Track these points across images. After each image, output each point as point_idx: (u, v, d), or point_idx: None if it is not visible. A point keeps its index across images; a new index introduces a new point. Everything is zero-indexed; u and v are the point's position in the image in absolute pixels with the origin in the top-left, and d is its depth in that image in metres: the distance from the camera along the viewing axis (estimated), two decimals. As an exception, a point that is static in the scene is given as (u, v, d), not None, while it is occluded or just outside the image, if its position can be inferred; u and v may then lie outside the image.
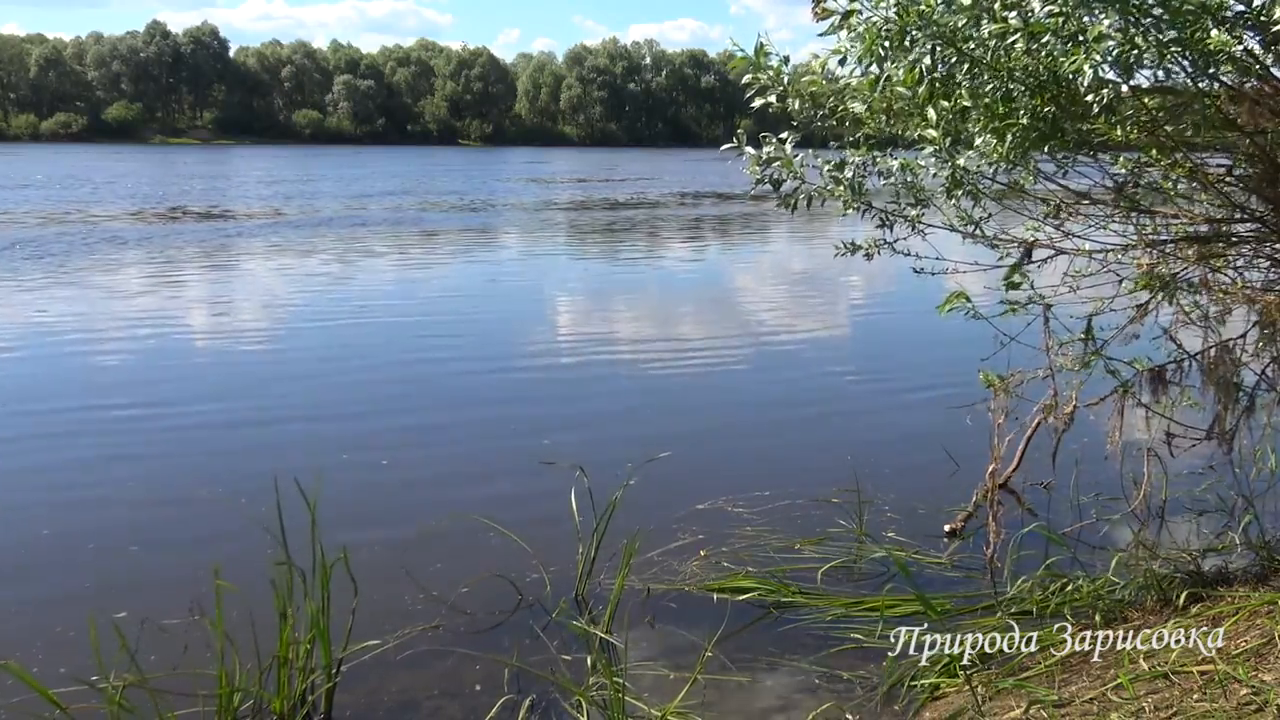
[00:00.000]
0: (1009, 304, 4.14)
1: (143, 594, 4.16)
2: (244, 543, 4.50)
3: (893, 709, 3.32)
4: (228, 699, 3.14)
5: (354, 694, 3.43)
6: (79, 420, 6.69)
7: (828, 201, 4.04)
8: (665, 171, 51.53)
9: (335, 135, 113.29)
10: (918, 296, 11.47)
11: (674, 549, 4.60)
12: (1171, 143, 3.51)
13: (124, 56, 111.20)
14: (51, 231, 19.02)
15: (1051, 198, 4.11)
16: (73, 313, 10.75)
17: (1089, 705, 2.95)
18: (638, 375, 8.41)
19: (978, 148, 3.49)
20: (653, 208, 28.88)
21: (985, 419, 4.58)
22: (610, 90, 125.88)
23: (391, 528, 4.89)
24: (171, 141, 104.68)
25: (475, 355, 9.03)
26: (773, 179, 3.87)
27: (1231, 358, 4.15)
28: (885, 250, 4.17)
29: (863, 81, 3.61)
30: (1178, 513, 4.95)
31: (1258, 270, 4.09)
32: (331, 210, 25.51)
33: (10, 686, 3.26)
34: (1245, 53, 3.09)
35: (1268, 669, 2.88)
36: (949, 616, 3.89)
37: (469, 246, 18.66)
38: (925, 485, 5.41)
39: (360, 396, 7.42)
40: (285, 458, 5.82)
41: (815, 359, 9.05)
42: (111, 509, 5.10)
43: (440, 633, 3.86)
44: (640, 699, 3.35)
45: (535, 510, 4.88)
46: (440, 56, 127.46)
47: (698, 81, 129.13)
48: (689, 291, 13.57)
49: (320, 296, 12.17)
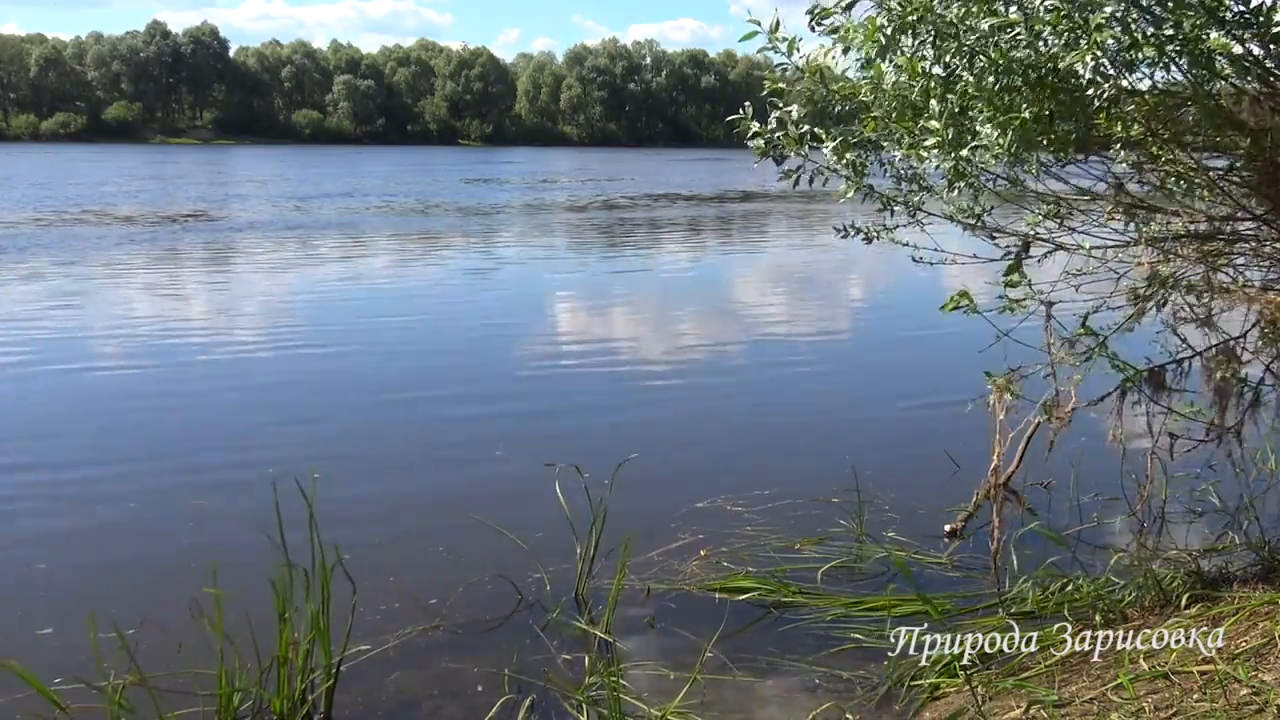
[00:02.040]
0: (1008, 301, 4.13)
1: (143, 594, 4.16)
2: (244, 543, 4.49)
3: (893, 709, 3.32)
4: (227, 699, 3.14)
5: (354, 694, 3.43)
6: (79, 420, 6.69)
7: (829, 192, 4.03)
8: (636, 172, 49.97)
9: (335, 135, 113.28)
10: (918, 296, 11.47)
11: (674, 549, 4.59)
12: (1172, 140, 3.51)
13: (124, 56, 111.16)
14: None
15: (1052, 194, 4.10)
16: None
17: (1089, 705, 2.94)
18: (637, 375, 8.40)
19: (980, 140, 3.48)
20: (610, 210, 27.56)
21: (985, 418, 4.58)
22: (610, 90, 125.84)
23: (391, 528, 4.89)
24: (171, 141, 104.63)
25: (474, 356, 9.03)
26: (777, 154, 3.86)
27: (1232, 357, 4.15)
28: (885, 239, 4.16)
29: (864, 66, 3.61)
30: (1178, 513, 4.95)
31: (1258, 269, 4.08)
32: (263, 214, 23.97)
33: (10, 686, 3.25)
34: (1246, 53, 3.09)
35: (1268, 669, 2.88)
36: (949, 616, 3.89)
37: (406, 250, 18.57)
38: (925, 485, 5.40)
39: (360, 397, 7.42)
40: (284, 458, 5.82)
41: (815, 358, 9.04)
42: (110, 509, 5.10)
43: (440, 633, 3.86)
44: (640, 699, 3.35)
45: (535, 510, 4.88)
46: (440, 56, 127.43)
47: (698, 81, 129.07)
48: (686, 292, 13.57)
49: (315, 300, 12.17)
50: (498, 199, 31.00)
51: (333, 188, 34.82)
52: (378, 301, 11.98)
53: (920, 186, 4.00)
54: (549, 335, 10.10)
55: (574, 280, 14.30)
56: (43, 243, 17.09)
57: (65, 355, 8.74)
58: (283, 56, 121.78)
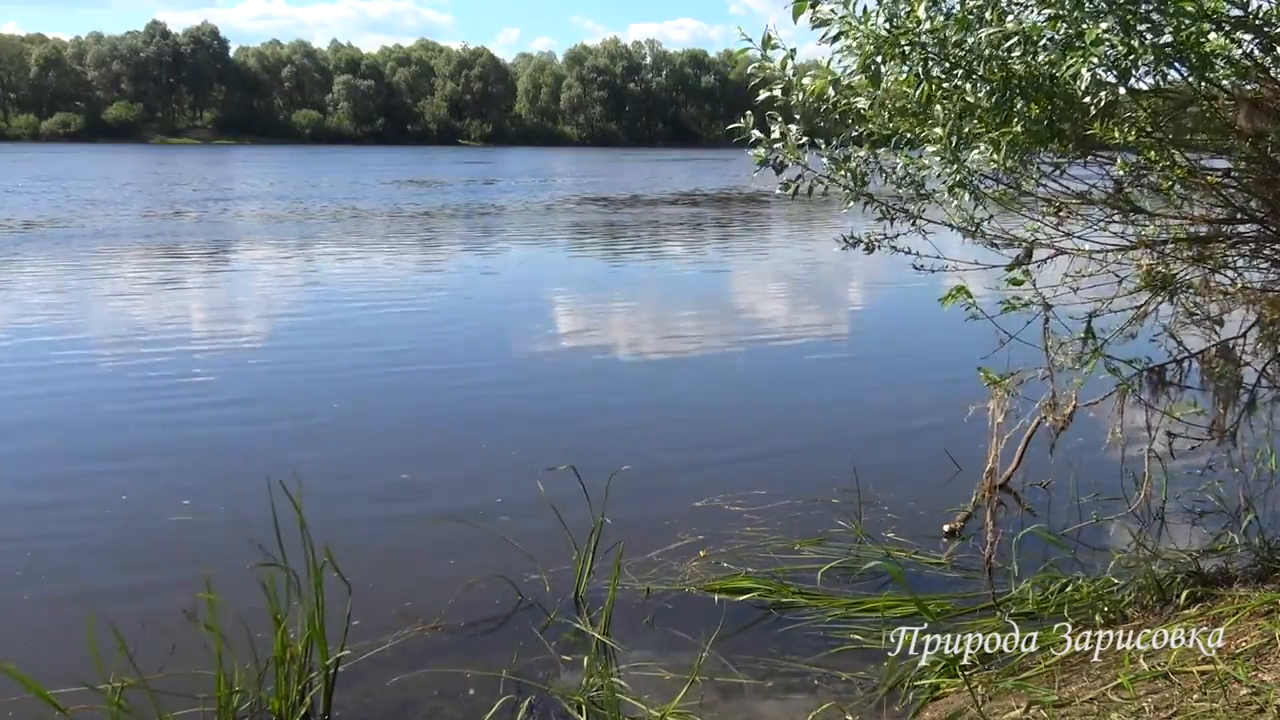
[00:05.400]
0: (1009, 303, 4.13)
1: (142, 595, 4.15)
2: (243, 544, 4.48)
3: (893, 709, 3.31)
4: (226, 700, 3.14)
5: (353, 694, 3.43)
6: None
7: (829, 195, 4.03)
8: (603, 173, 47.91)
9: (335, 135, 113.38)
10: (917, 297, 11.47)
11: (674, 549, 4.59)
12: (1170, 144, 3.51)
13: (124, 56, 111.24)
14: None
15: (1052, 199, 4.10)
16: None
17: (1089, 705, 2.94)
18: (636, 376, 8.40)
19: (979, 150, 3.49)
20: (520, 213, 25.35)
21: (985, 419, 4.58)
22: (610, 90, 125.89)
23: (390, 528, 4.89)
24: (171, 141, 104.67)
25: (472, 358, 9.03)
26: (776, 163, 3.86)
27: (1231, 358, 4.15)
28: (886, 247, 4.17)
29: (864, 80, 3.61)
30: (1178, 513, 4.95)
31: (1257, 271, 4.08)
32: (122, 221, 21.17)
33: (10, 687, 3.25)
34: (1244, 55, 3.09)
35: (1268, 669, 2.88)
36: (949, 617, 3.89)
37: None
38: (925, 485, 5.40)
39: (358, 397, 7.42)
40: (282, 459, 5.81)
41: (815, 358, 9.04)
42: (109, 509, 5.09)
43: (438, 634, 3.85)
44: (639, 699, 3.35)
45: (534, 511, 4.87)
46: (440, 56, 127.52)
47: (698, 81, 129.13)
48: (685, 293, 13.57)
49: (308, 299, 12.16)
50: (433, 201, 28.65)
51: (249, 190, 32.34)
52: (378, 300, 11.98)
53: (919, 194, 3.99)
54: (549, 335, 10.10)
55: (571, 282, 14.30)
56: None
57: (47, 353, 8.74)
58: (283, 56, 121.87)
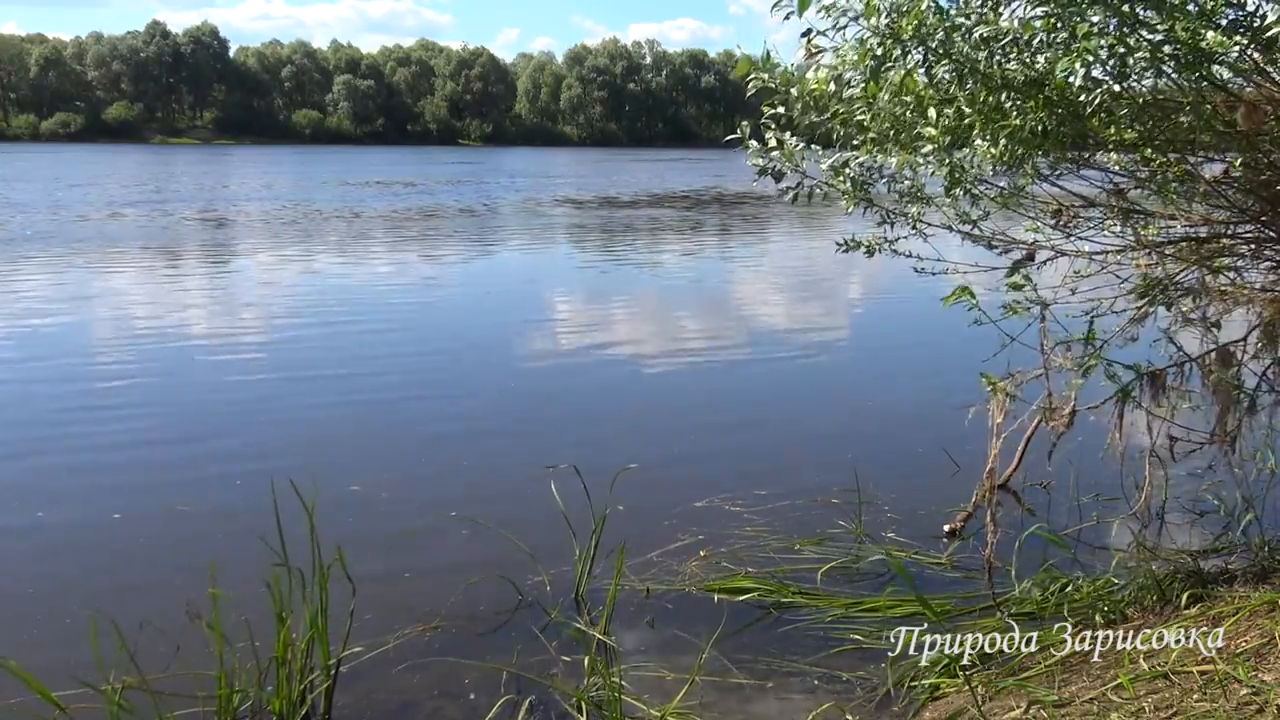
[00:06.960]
0: (1010, 306, 4.13)
1: (143, 595, 4.16)
2: (244, 544, 4.49)
3: (893, 710, 3.32)
4: (227, 700, 3.14)
5: (353, 694, 3.43)
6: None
7: (829, 200, 4.04)
8: (555, 173, 46.52)
9: (335, 135, 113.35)
10: (918, 298, 11.47)
11: (674, 549, 4.59)
12: (1168, 144, 3.51)
13: (124, 56, 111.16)
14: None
15: (1051, 201, 4.11)
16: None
17: (1089, 705, 2.95)
18: (635, 376, 8.40)
19: (975, 149, 3.49)
20: (456, 216, 23.94)
21: (985, 419, 4.58)
22: (610, 90, 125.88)
23: (391, 528, 4.89)
24: (171, 141, 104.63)
25: (472, 358, 9.03)
26: (774, 171, 3.87)
27: (1232, 360, 4.15)
28: (886, 250, 4.18)
29: (863, 89, 3.62)
30: (1178, 513, 4.95)
31: (1257, 272, 4.09)
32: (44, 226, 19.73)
33: (12, 686, 3.25)
34: (1242, 55, 3.09)
35: (1268, 669, 2.88)
36: (949, 617, 3.89)
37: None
38: (925, 485, 5.41)
39: (357, 398, 7.42)
40: (283, 460, 5.82)
41: (815, 358, 9.04)
42: (110, 509, 5.09)
43: (439, 633, 3.86)
44: (640, 699, 3.35)
45: (535, 511, 4.88)
46: (440, 56, 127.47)
47: (698, 81, 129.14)
48: (685, 293, 13.57)
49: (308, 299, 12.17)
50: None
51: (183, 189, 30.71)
52: (378, 300, 11.99)
53: (918, 197, 4.00)
54: (549, 336, 10.10)
55: (572, 283, 14.30)
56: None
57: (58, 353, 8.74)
58: (283, 56, 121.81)
